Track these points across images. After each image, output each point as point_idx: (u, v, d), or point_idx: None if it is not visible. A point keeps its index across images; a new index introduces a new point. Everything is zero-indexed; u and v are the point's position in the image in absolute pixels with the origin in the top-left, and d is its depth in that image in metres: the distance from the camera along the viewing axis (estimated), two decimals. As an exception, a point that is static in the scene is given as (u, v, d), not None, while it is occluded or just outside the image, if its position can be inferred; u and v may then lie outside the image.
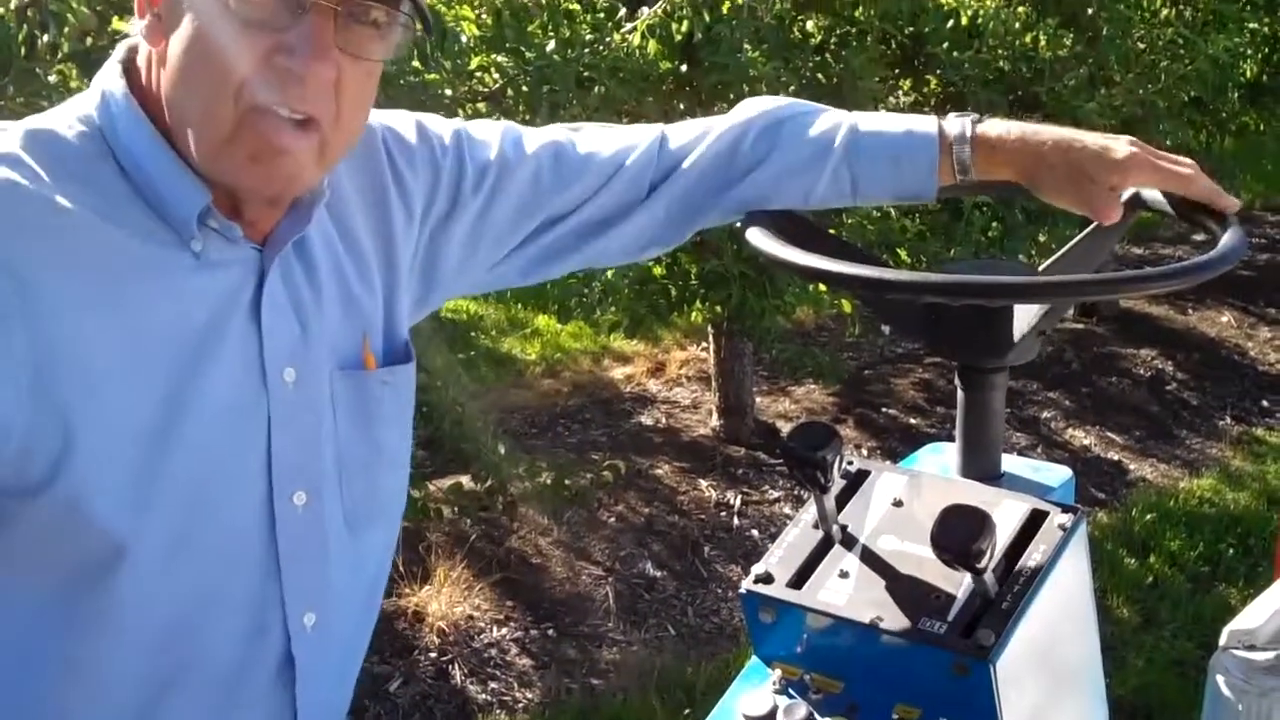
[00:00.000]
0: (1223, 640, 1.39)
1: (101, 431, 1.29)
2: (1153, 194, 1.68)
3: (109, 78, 1.39)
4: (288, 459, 1.44)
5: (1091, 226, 1.69)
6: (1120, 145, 1.62)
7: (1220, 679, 1.36)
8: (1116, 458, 6.21)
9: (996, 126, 1.67)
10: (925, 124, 1.69)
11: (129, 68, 1.40)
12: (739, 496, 5.58)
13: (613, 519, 5.31)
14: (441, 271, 1.66)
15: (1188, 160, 1.63)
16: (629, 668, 4.43)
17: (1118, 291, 1.56)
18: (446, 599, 4.60)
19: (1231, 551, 5.29)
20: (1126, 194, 1.66)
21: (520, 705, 4.24)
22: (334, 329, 1.50)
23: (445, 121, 1.69)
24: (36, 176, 1.30)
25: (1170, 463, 6.22)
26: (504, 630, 4.58)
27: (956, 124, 1.67)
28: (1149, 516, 5.52)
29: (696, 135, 1.75)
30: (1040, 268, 1.67)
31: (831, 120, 1.73)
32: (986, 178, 1.68)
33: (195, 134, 1.32)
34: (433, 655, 4.41)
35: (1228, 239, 1.52)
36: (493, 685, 4.32)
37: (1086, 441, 6.34)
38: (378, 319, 1.57)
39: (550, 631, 4.61)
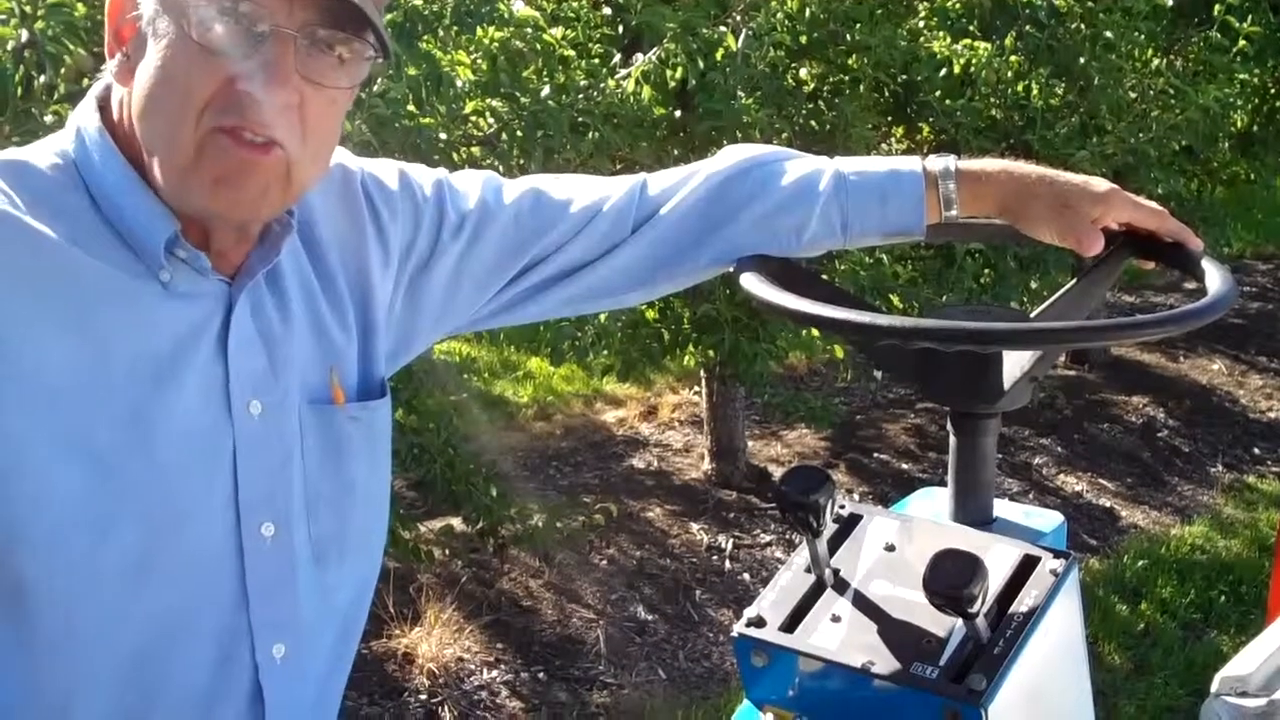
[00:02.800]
0: (1214, 686, 1.39)
1: (55, 448, 1.31)
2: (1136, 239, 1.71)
3: (84, 115, 1.42)
4: (255, 490, 1.44)
5: (1082, 274, 1.71)
6: (1098, 181, 1.69)
7: (1211, 726, 1.37)
8: (1108, 504, 6.22)
9: (979, 162, 1.72)
10: (909, 163, 1.73)
11: (103, 106, 1.42)
12: (730, 540, 5.57)
13: (604, 561, 5.31)
14: (424, 315, 1.68)
15: (1159, 208, 1.70)
16: (620, 711, 4.43)
17: (1111, 338, 1.59)
18: (437, 640, 4.59)
19: (1223, 599, 5.29)
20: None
21: (510, 749, 4.24)
22: (304, 363, 1.51)
23: (427, 170, 1.71)
24: (10, 200, 1.32)
25: (1162, 509, 6.23)
26: (494, 672, 4.57)
27: (939, 161, 1.71)
28: (1141, 563, 5.53)
29: (680, 179, 1.77)
30: (1032, 314, 1.68)
31: (815, 164, 1.75)
32: (971, 213, 1.71)
33: (161, 161, 1.34)
34: (423, 697, 4.39)
35: (1218, 287, 1.54)
36: (482, 728, 4.31)
37: (1078, 488, 6.35)
38: (351, 356, 1.57)
39: (541, 674, 4.60)
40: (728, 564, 5.41)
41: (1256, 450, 6.91)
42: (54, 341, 1.31)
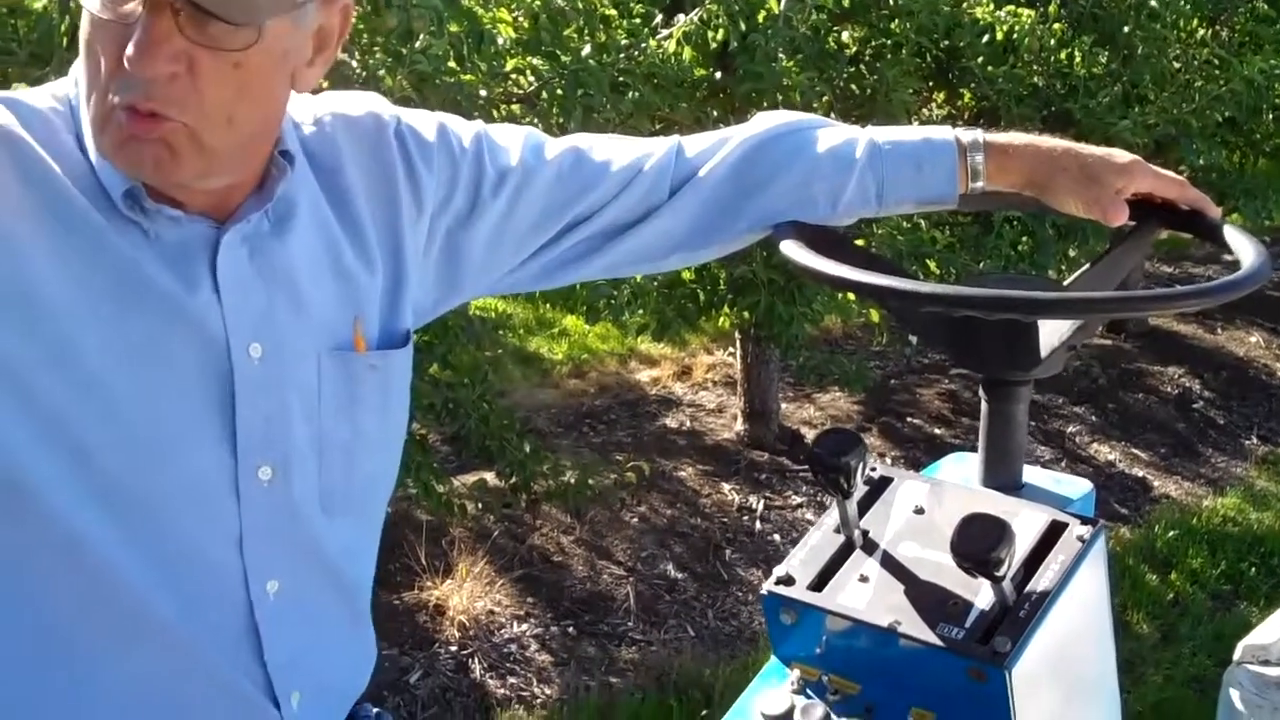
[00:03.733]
0: (1237, 655, 1.41)
1: (42, 367, 1.33)
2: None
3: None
4: (252, 433, 1.45)
5: (1114, 244, 1.72)
6: (1120, 153, 1.71)
7: (1234, 692, 1.39)
8: (1141, 474, 6.22)
9: (1005, 136, 1.74)
10: (941, 132, 1.75)
11: None
12: (761, 501, 5.60)
13: (635, 520, 5.34)
14: (464, 270, 1.68)
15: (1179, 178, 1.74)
16: (648, 667, 4.47)
17: (1151, 308, 1.60)
18: (468, 594, 4.64)
19: (1253, 570, 5.30)
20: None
21: (538, 701, 4.27)
22: (325, 308, 1.52)
23: (466, 123, 1.70)
24: (24, 133, 1.34)
25: (1194, 481, 6.22)
26: (524, 626, 4.62)
27: (969, 134, 1.73)
28: (1171, 534, 5.54)
29: (716, 142, 1.77)
30: (1065, 283, 1.69)
31: (849, 132, 1.77)
32: (997, 185, 1.73)
33: (88, 123, 1.35)
34: (453, 649, 4.44)
35: (1252, 260, 1.54)
36: (511, 680, 4.35)
37: (1111, 457, 6.35)
38: (374, 303, 1.58)
39: (570, 629, 4.64)
40: (758, 524, 5.44)
41: (1292, 423, 6.91)
42: (47, 263, 1.33)
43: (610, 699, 4.30)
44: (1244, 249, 1.59)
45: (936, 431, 6.38)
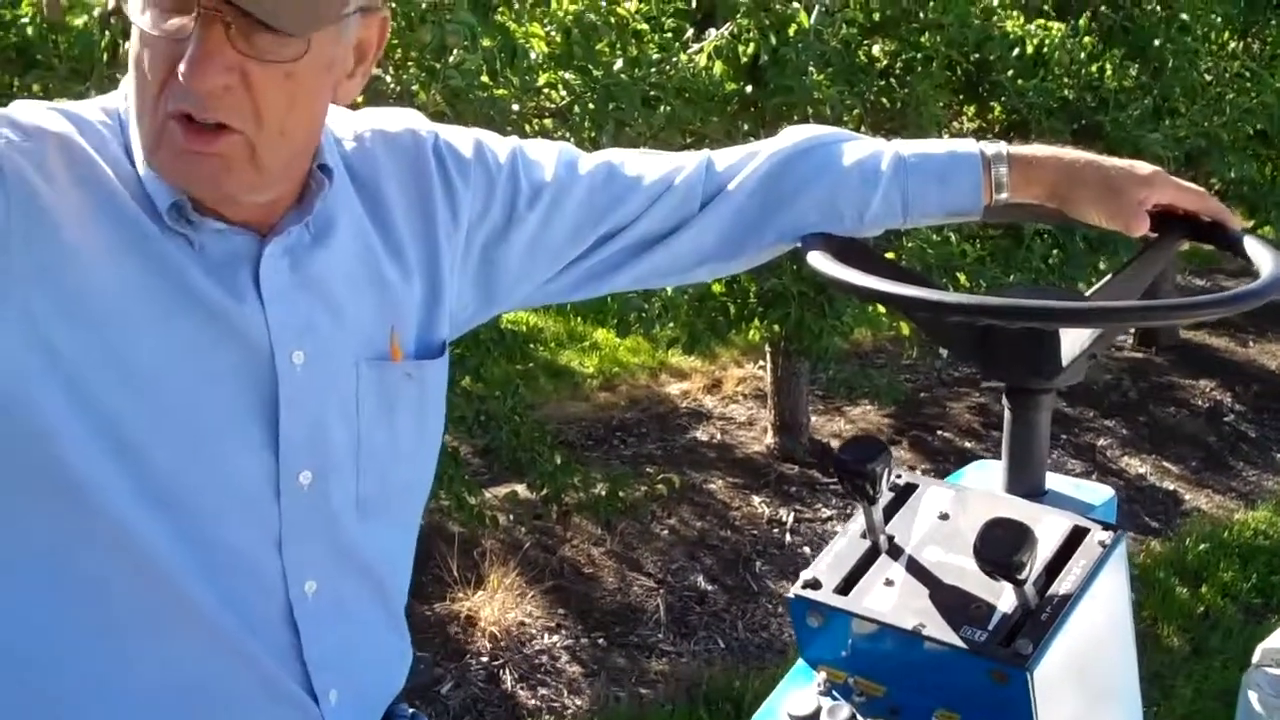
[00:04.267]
0: (1256, 658, 1.43)
1: (97, 369, 1.37)
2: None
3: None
4: (295, 437, 1.49)
5: (1135, 256, 1.74)
6: (1142, 165, 1.74)
7: (1252, 694, 1.41)
8: (1171, 487, 6.22)
9: (1029, 148, 1.77)
10: (966, 145, 1.78)
11: None
12: (791, 513, 5.62)
13: (665, 531, 5.37)
14: (500, 282, 1.72)
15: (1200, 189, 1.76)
16: (678, 679, 4.49)
17: (1169, 318, 1.63)
18: (499, 605, 4.67)
19: (1285, 584, 5.29)
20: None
21: (569, 712, 4.30)
22: (363, 318, 1.55)
23: (502, 139, 1.74)
24: (82, 141, 1.39)
25: (1225, 494, 6.22)
26: (555, 637, 4.64)
27: (993, 146, 1.77)
28: (1202, 547, 5.53)
29: (744, 156, 1.81)
30: (1087, 294, 1.72)
31: (875, 146, 1.80)
32: (1021, 197, 1.76)
33: (139, 140, 1.40)
34: (484, 660, 4.47)
35: (1271, 269, 1.57)
36: (542, 691, 4.38)
37: (1142, 470, 6.35)
38: (411, 313, 1.62)
39: (600, 640, 4.67)
40: (788, 537, 5.46)
41: (1324, 438, 6.89)
42: (105, 268, 1.37)
43: (640, 710, 4.32)
44: (1264, 259, 1.61)
45: (967, 445, 6.39)
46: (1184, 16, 5.93)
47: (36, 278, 1.34)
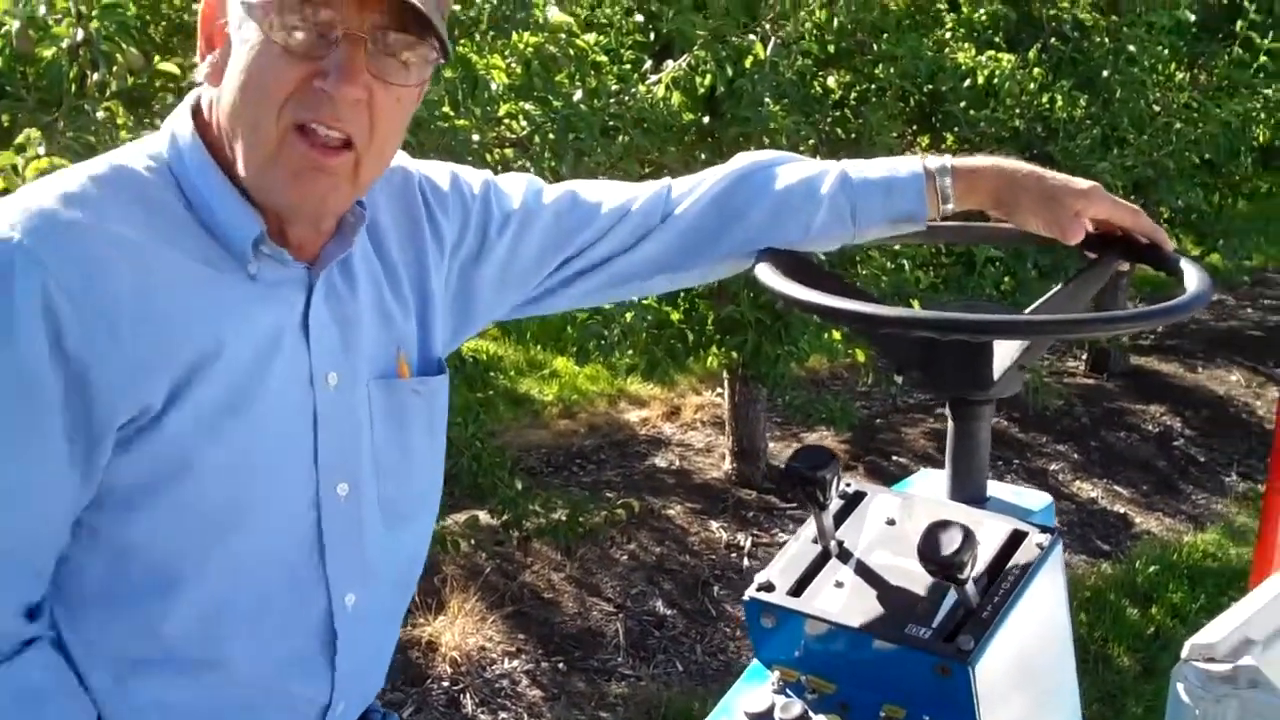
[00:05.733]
0: (1185, 653, 1.50)
1: (173, 411, 1.47)
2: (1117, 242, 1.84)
3: (179, 120, 1.55)
4: (332, 453, 1.60)
5: (1072, 277, 1.83)
6: (1080, 180, 1.82)
7: (1180, 687, 1.48)
8: (1122, 510, 6.31)
9: (972, 160, 1.87)
10: (909, 161, 1.88)
11: (196, 112, 1.55)
12: (749, 538, 5.67)
13: (625, 557, 5.41)
14: (477, 304, 1.83)
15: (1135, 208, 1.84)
16: (637, 702, 4.52)
17: (1091, 330, 1.70)
18: (460, 630, 4.70)
19: (1233, 604, 5.35)
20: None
21: (530, 735, 4.34)
22: (372, 341, 1.66)
23: (475, 172, 1.86)
24: (101, 211, 1.44)
25: (1175, 517, 6.31)
26: (515, 662, 4.67)
27: (936, 160, 1.86)
28: (1152, 569, 5.61)
29: (698, 179, 1.92)
30: (1027, 310, 1.79)
31: (821, 165, 1.90)
32: (965, 206, 1.85)
33: (245, 155, 1.48)
34: (445, 684, 4.50)
35: (1195, 285, 1.66)
36: (503, 715, 4.40)
37: (1093, 494, 6.43)
38: (411, 337, 1.72)
39: (560, 664, 4.70)
40: (746, 561, 5.51)
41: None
42: (170, 327, 1.46)
43: (600, 733, 4.36)
44: (1191, 277, 1.70)
45: (921, 469, 6.43)
46: (1131, 48, 6.05)
47: (134, 373, 1.44)
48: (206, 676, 1.59)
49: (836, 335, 5.29)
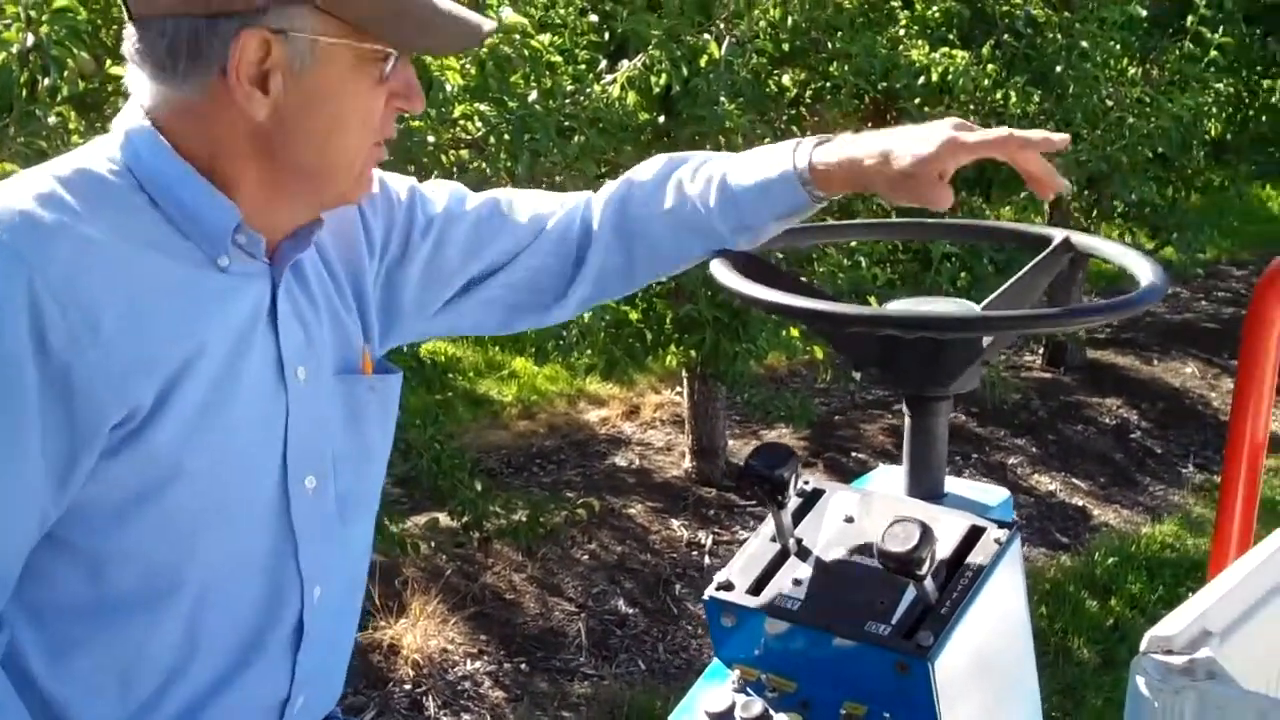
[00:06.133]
0: (1143, 645, 1.51)
1: (154, 412, 1.47)
2: (1083, 240, 1.85)
3: (131, 119, 1.54)
4: (300, 447, 1.62)
5: (1026, 270, 1.83)
6: (936, 133, 1.70)
7: (1140, 679, 1.48)
8: (1080, 503, 6.34)
9: (828, 150, 1.77)
10: (778, 156, 1.80)
11: (153, 117, 1.53)
12: (710, 536, 5.68)
13: (586, 557, 5.41)
14: (401, 309, 1.85)
15: (1000, 129, 1.72)
16: (600, 701, 4.52)
17: (1051, 325, 1.70)
18: (421, 632, 4.69)
19: (1191, 595, 5.37)
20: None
21: (493, 737, 4.33)
22: (328, 338, 1.69)
23: (402, 178, 1.88)
24: (75, 213, 1.44)
25: (1133, 509, 6.35)
26: (478, 663, 4.67)
27: (802, 154, 1.78)
28: (1111, 560, 5.64)
29: (599, 212, 1.93)
30: (981, 304, 1.80)
31: (702, 173, 1.87)
32: (832, 197, 1.82)
33: (338, 177, 1.58)
34: (407, 687, 4.49)
35: (1150, 279, 1.67)
36: (466, 717, 4.40)
37: (1051, 487, 6.47)
38: (358, 335, 1.75)
39: (523, 665, 4.69)
40: (707, 559, 5.51)
41: (1227, 452, 7.02)
42: (153, 328, 1.46)
43: (563, 733, 4.36)
44: (1141, 269, 1.71)
45: (880, 465, 6.45)
46: (1084, 44, 6.07)
47: (121, 375, 1.44)
48: (180, 679, 1.59)
49: (795, 333, 5.30)
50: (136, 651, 1.55)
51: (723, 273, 1.78)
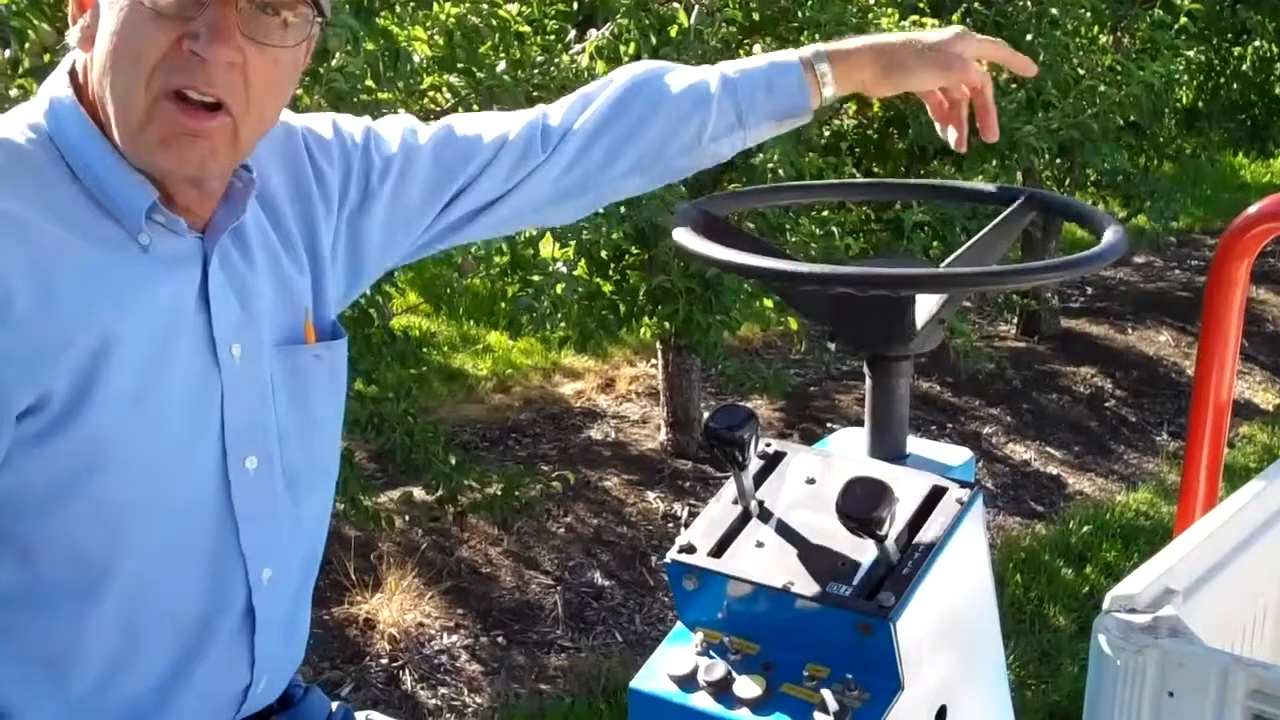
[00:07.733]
0: (1106, 604, 1.51)
1: (80, 401, 1.43)
2: (1044, 197, 1.85)
3: (57, 85, 1.51)
4: (239, 426, 1.57)
5: (988, 229, 1.83)
6: (947, 30, 1.84)
7: (1102, 638, 1.49)
8: (1055, 472, 6.35)
9: (845, 42, 1.86)
10: (785, 54, 1.87)
11: (73, 76, 1.51)
12: (686, 508, 5.68)
13: (562, 530, 5.41)
14: (367, 254, 1.80)
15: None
16: (577, 673, 4.53)
17: (1009, 282, 1.70)
18: (397, 607, 4.68)
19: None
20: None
21: (470, 710, 4.32)
22: (271, 309, 1.63)
23: (356, 120, 1.83)
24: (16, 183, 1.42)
25: (1108, 477, 6.36)
26: (454, 637, 4.66)
27: (811, 48, 1.85)
28: (1086, 529, 5.65)
29: (580, 99, 1.90)
30: (944, 263, 1.80)
31: (701, 72, 1.89)
32: (849, 88, 1.86)
33: (116, 120, 1.44)
34: (384, 661, 4.48)
35: (1109, 237, 1.66)
36: (443, 691, 4.40)
37: (1026, 456, 6.48)
38: (308, 300, 1.70)
39: (499, 638, 4.69)
40: (683, 531, 5.50)
41: (1201, 419, 7.04)
42: (66, 312, 1.42)
43: (540, 706, 4.35)
44: (1103, 227, 1.71)
45: (841, 428, 6.45)
46: (1054, 12, 6.07)
47: (30, 359, 1.40)
48: (124, 671, 1.56)
49: (768, 303, 5.29)
50: (69, 641, 1.52)
51: (684, 236, 1.77)
